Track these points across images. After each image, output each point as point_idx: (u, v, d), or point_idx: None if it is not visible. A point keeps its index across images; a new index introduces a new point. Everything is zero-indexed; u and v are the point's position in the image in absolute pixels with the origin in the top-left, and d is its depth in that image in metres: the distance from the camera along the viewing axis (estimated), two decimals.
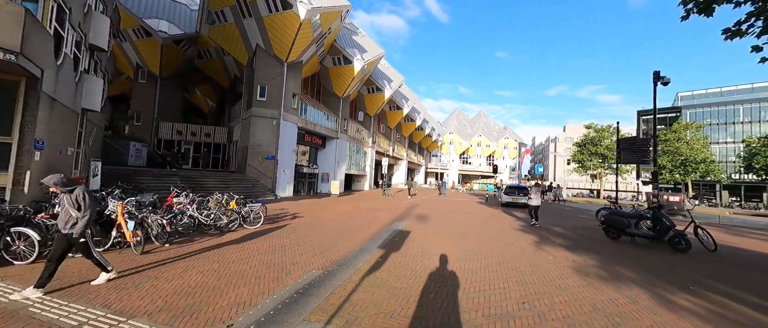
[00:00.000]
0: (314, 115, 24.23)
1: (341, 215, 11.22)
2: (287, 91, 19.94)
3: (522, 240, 7.53)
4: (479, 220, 11.28)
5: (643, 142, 10.06)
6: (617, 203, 10.52)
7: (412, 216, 11.69)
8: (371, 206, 15.37)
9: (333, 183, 23.54)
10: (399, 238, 7.29)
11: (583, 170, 42.17)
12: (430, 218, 11.16)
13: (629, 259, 5.99)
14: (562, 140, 78.14)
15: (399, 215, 12.04)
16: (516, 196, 17.30)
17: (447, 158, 76.47)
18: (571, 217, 13.67)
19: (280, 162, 19.84)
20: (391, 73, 36.95)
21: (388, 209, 14.36)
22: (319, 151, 27.27)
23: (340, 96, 27.40)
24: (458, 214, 13.14)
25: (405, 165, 52.13)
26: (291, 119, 20.57)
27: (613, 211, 8.08)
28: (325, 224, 9.13)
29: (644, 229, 7.48)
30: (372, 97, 34.37)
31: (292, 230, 8.02)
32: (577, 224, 10.88)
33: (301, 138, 23.26)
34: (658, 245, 7.37)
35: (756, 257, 6.63)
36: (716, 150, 49.62)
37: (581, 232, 9.24)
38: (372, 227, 8.71)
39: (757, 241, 8.89)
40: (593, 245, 7.21)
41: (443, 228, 8.93)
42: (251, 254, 5.55)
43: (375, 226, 8.99)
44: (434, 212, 13.63)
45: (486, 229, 9.17)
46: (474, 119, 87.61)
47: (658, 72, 7.93)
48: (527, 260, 5.63)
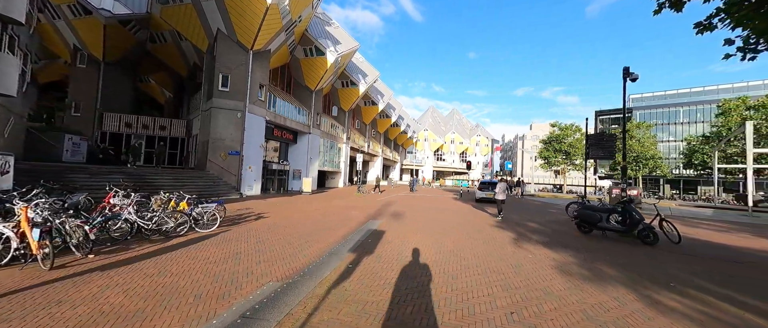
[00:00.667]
0: (284, 109, 22.90)
1: (312, 215, 10.42)
2: (253, 82, 18.52)
3: (499, 237, 7.28)
4: (455, 216, 11.02)
5: (610, 139, 10.34)
6: (585, 198, 10.75)
7: (387, 214, 11.17)
8: (345, 204, 14.67)
9: (305, 180, 22.45)
10: (373, 239, 6.72)
11: (548, 166, 44.35)
12: (405, 216, 10.71)
13: (605, 254, 5.90)
14: (529, 138, 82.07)
15: (374, 213, 11.48)
16: (489, 191, 17.44)
17: (422, 155, 77.20)
18: (541, 211, 13.93)
19: (246, 158, 18.44)
20: (366, 67, 36.14)
21: (362, 206, 13.75)
22: (290, 147, 25.94)
23: (313, 89, 26.19)
24: (434, 210, 12.85)
25: (380, 161, 51.70)
26: (258, 112, 19.18)
27: (585, 205, 8.11)
28: (292, 225, 8.32)
29: (614, 223, 7.54)
30: (346, 91, 33.39)
31: (253, 232, 7.15)
32: (549, 219, 11.00)
33: (269, 133, 21.87)
34: (627, 238, 7.47)
35: (717, 248, 6.88)
36: (660, 148, 54.44)
37: (554, 226, 9.25)
38: (344, 227, 8.06)
39: (709, 231, 9.43)
40: (568, 240, 7.13)
41: (419, 226, 8.50)
42: (197, 265, 4.69)
43: (347, 226, 8.34)
44: (410, 209, 13.25)
45: (463, 226, 8.87)
46: (448, 117, 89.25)
47: (628, 68, 8.03)
48: (508, 260, 5.31)
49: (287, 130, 23.95)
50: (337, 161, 33.56)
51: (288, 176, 25.13)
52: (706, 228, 10.20)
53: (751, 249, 6.94)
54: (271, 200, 15.88)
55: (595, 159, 11.28)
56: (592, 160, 11.52)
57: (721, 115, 33.22)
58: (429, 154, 77.39)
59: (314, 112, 26.78)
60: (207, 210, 7.41)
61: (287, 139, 24.68)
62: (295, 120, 24.06)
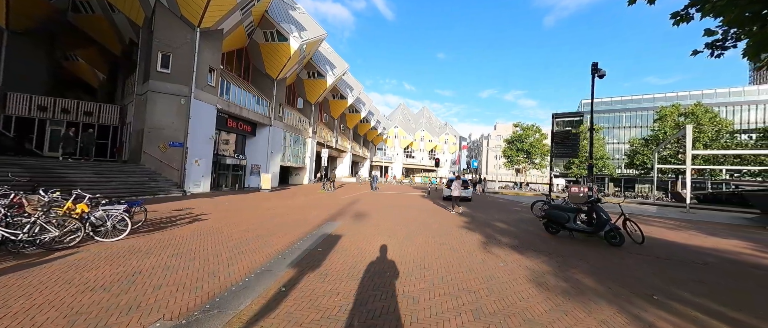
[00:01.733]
0: (241, 97, 20.76)
1: (261, 216, 9.08)
2: (201, 64, 16.35)
3: (468, 241, 6.63)
4: (421, 216, 10.32)
5: (575, 137, 10.31)
6: (550, 196, 10.66)
7: (348, 214, 10.16)
8: (304, 203, 13.38)
9: (264, 176, 20.62)
10: (325, 246, 5.68)
11: (511, 164, 46.26)
12: (368, 216, 9.78)
13: (578, 259, 5.46)
14: (494, 137, 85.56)
15: (334, 212, 10.40)
16: None
17: (392, 152, 76.96)
18: (506, 210, 13.81)
19: (192, 151, 16.29)
20: (335, 59, 34.52)
21: (323, 205, 12.58)
22: (248, 140, 23.77)
23: (275, 78, 24.19)
24: (400, 209, 12.08)
25: (349, 158, 50.32)
26: (207, 99, 17.04)
27: (553, 205, 7.79)
28: (231, 230, 6.99)
29: (581, 223, 7.27)
30: (313, 82, 31.59)
31: (174, 241, 5.75)
32: (515, 218, 10.75)
33: (222, 123, 19.68)
34: (593, 238, 7.24)
35: (677, 249, 6.83)
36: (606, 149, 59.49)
37: (522, 226, 8.90)
38: (295, 232, 6.91)
39: (660, 228, 9.71)
40: (538, 243, 6.68)
41: (382, 229, 7.61)
42: (64, 294, 3.33)
43: (299, 229, 7.21)
44: (374, 207, 12.35)
45: (429, 227, 8.16)
46: (418, 114, 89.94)
47: (596, 64, 7.81)
48: (479, 272, 4.59)
49: (244, 121, 21.83)
50: (302, 157, 31.72)
51: (245, 172, 23.02)
52: (656, 225, 10.55)
53: (707, 249, 7.01)
54: (221, 199, 14.09)
55: (559, 157, 11.25)
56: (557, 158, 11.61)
57: (658, 120, 36.75)
58: (399, 152, 77.37)
59: (276, 102, 24.79)
60: (112, 214, 5.84)
61: (244, 132, 22.53)
62: (253, 110, 21.99)
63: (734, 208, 16.42)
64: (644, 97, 71.33)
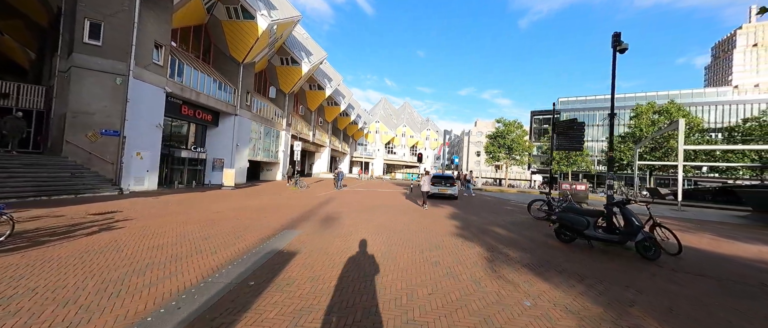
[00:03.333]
0: (198, 81, 18.07)
1: (199, 222, 7.01)
2: (143, 38, 13.68)
3: (469, 258, 4.99)
4: (404, 220, 8.63)
5: (580, 127, 9.02)
6: (550, 194, 9.36)
7: (315, 218, 8.28)
8: (267, 203, 11.31)
9: (226, 172, 18.17)
10: (262, 278, 3.82)
11: (493, 160, 45.84)
12: (339, 221, 7.96)
13: (622, 286, 3.96)
14: (474, 133, 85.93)
15: (298, 216, 8.49)
16: (442, 186, 15.67)
17: (373, 147, 75.08)
18: (497, 209, 12.44)
19: (132, 141, 13.65)
20: (312, 45, 32.03)
21: (288, 206, 10.59)
22: (210, 131, 21.07)
23: (241, 62, 21.55)
24: (379, 210, 10.34)
25: (328, 153, 47.95)
26: (153, 80, 14.38)
27: (569, 207, 6.34)
28: (138, 246, 4.95)
29: (602, 231, 5.87)
30: (286, 70, 29.02)
31: (28, 269, 3.67)
32: (513, 220, 9.34)
33: (175, 110, 16.98)
34: (613, 247, 5.88)
35: (728, 264, 5.56)
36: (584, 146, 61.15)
37: (525, 232, 7.44)
38: (231, 248, 4.99)
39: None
40: (557, 259, 5.17)
41: (353, 240, 5.82)
42: None
43: (239, 243, 5.28)
44: (348, 209, 10.53)
45: (415, 235, 6.48)
46: (399, 110, 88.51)
47: (618, 35, 6.40)
48: (495, 320, 2.93)
49: (204, 108, 19.15)
50: (274, 151, 29.17)
51: (205, 167, 20.36)
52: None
53: (752, 260, 5.81)
54: (166, 198, 11.70)
55: (562, 150, 9.97)
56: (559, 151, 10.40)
57: (634, 117, 37.46)
58: (380, 147, 75.63)
59: (243, 89, 22.18)
60: None
61: (204, 121, 19.83)
62: (214, 97, 19.33)
63: (722, 205, 16.13)
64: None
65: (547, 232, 7.48)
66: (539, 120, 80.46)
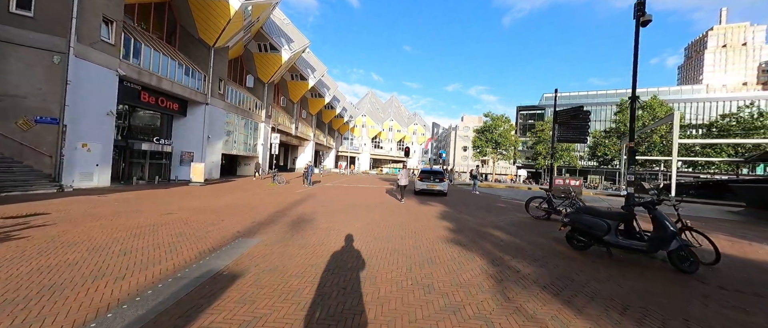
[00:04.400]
0: (161, 65, 16.13)
1: (140, 228, 5.62)
2: (87, 10, 11.76)
3: (470, 278, 3.89)
4: (389, 222, 7.48)
5: (586, 117, 8.11)
6: (550, 191, 8.46)
7: (284, 221, 7.00)
8: (234, 202, 9.88)
9: (194, 167, 16.45)
10: (171, 321, 2.57)
11: (480, 155, 45.46)
12: (311, 225, 6.73)
13: (676, 318, 2.97)
14: (461, 128, 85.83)
15: (266, 217, 7.18)
16: (431, 182, 14.64)
17: (359, 142, 73.57)
18: (490, 207, 11.51)
19: (76, 130, 11.81)
20: (293, 32, 30.09)
21: (259, 204, 9.22)
22: (177, 121, 19.14)
23: (212, 45, 19.61)
24: (361, 210, 9.15)
25: (312, 147, 46.18)
26: (101, 60, 12.49)
27: (584, 208, 5.35)
28: (42, 262, 3.55)
29: (624, 237, 4.92)
30: (265, 57, 27.07)
31: None
32: (510, 219, 8.39)
33: (132, 96, 15.05)
34: (636, 256, 4.96)
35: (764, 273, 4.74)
36: None
37: (528, 236, 6.46)
38: (157, 266, 3.69)
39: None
40: (577, 273, 4.17)
41: (323, 254, 4.61)
42: None
43: (173, 259, 3.98)
44: (327, 208, 9.28)
45: (401, 243, 5.35)
46: (387, 104, 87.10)
47: (642, 3, 5.41)
48: None
49: (168, 96, 17.22)
50: (252, 144, 27.32)
51: (171, 161, 18.49)
52: None
53: None
54: (116, 197, 10.03)
55: (564, 141, 9.08)
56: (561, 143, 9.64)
57: (619, 112, 37.82)
58: (366, 142, 74.24)
59: (215, 76, 20.27)
60: None
61: (170, 110, 17.90)
62: (180, 84, 17.42)
63: (708, 201, 15.95)
64: (599, 94, 75.66)
65: (553, 234, 6.53)
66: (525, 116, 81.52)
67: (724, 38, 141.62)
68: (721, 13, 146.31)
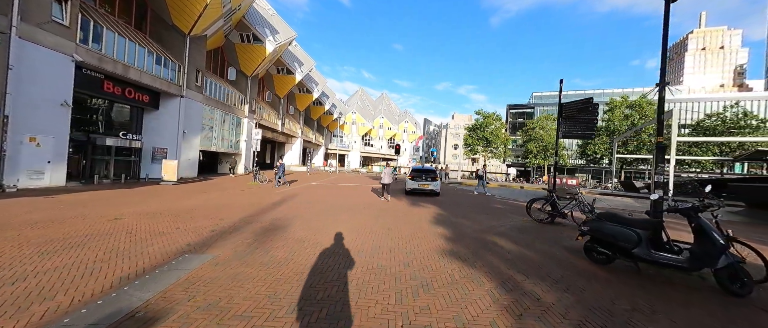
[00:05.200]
0: (128, 52, 14.63)
1: (67, 240, 4.50)
2: None
3: (479, 313, 2.98)
4: (377, 229, 6.52)
5: (595, 110, 7.33)
6: (554, 192, 7.69)
7: (255, 226, 5.95)
8: (202, 204, 8.71)
9: (166, 164, 15.11)
10: None
11: (471, 153, 44.98)
12: (285, 231, 5.71)
13: None
14: (452, 127, 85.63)
15: (233, 223, 6.12)
16: (423, 181, 13.74)
17: (349, 139, 72.29)
18: (488, 210, 10.71)
19: (21, 122, 10.36)
20: (279, 24, 28.66)
21: (230, 207, 8.11)
22: (148, 114, 17.63)
23: (187, 33, 18.14)
24: (345, 213, 8.16)
25: (300, 144, 44.74)
26: (52, 43, 11.03)
27: (605, 214, 4.52)
28: None
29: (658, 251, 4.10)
30: (248, 48, 25.60)
31: None
32: (511, 223, 7.57)
33: (93, 85, 13.53)
34: (671, 272, 4.16)
35: None
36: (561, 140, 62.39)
37: (537, 245, 5.62)
38: (47, 303, 2.63)
39: None
40: (610, 300, 3.32)
41: (288, 278, 3.61)
42: None
43: (81, 288, 2.93)
44: (308, 210, 8.25)
45: (390, 259, 4.41)
46: (377, 101, 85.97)
47: None
48: None
49: (137, 87, 15.72)
50: (234, 140, 25.84)
51: (141, 157, 17.01)
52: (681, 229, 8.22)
53: None
54: (66, 198, 8.72)
55: (569, 138, 8.31)
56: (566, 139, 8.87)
57: (609, 111, 37.90)
58: (357, 139, 73.02)
59: (191, 66, 18.81)
60: None
61: (139, 102, 16.39)
62: (151, 73, 15.94)
63: None
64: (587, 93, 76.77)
65: (564, 242, 5.72)
66: (514, 114, 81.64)
67: (704, 41, 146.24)
68: (701, 17, 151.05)
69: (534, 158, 44.86)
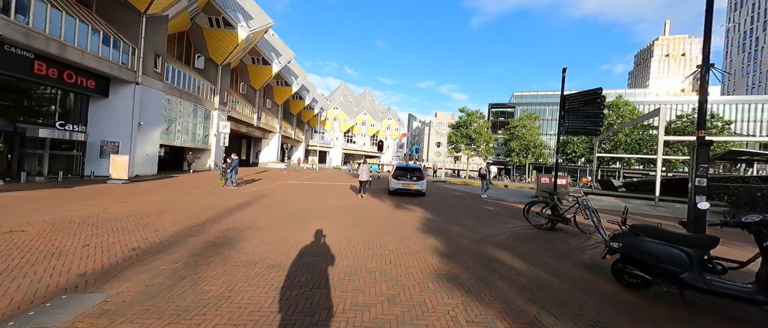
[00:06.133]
0: (65, 28, 12.47)
1: None
2: None
3: None
4: (355, 244, 5.36)
5: (601, 102, 6.50)
6: (556, 194, 6.86)
7: (193, 242, 4.62)
8: (137, 209, 7.14)
9: (115, 160, 13.18)
10: None
11: (454, 151, 44.64)
12: (230, 251, 4.41)
13: None
14: (435, 125, 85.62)
15: (162, 239, 4.73)
16: (408, 181, 12.67)
17: (330, 136, 70.30)
18: (477, 210, 9.82)
19: None
20: (253, 8, 26.53)
21: (169, 214, 6.64)
22: (96, 103, 15.41)
23: (142, 11, 16.01)
24: (314, 220, 6.92)
25: (278, 139, 42.52)
26: None
27: (645, 228, 3.58)
28: None
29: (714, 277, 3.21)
30: (217, 34, 23.44)
31: None
32: (510, 230, 6.66)
33: (18, 66, 11.31)
34: (725, 302, 3.32)
35: None
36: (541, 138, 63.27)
37: (547, 261, 4.68)
38: None
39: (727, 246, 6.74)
40: None
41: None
42: None
43: None
44: (273, 216, 6.94)
45: (372, 289, 3.28)
46: (360, 97, 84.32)
47: None
48: None
49: (79, 69, 13.55)
50: (202, 134, 23.66)
51: (86, 152, 14.84)
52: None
53: None
54: None
55: (573, 133, 7.52)
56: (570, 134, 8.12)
57: None
58: (339, 136, 71.15)
59: (148, 49, 16.68)
60: None
61: (84, 88, 14.19)
62: (96, 55, 13.81)
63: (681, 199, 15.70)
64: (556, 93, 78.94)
65: (579, 257, 4.83)
66: (496, 113, 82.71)
67: (668, 48, 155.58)
68: (666, 25, 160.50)
69: (516, 156, 45.19)
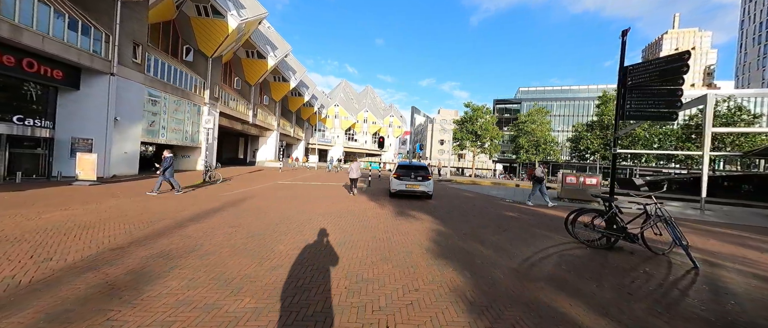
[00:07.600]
0: (22, 10, 10.91)
1: None
2: None
3: None
4: (338, 286, 3.72)
5: (686, 70, 4.64)
6: (614, 200, 5.18)
7: (100, 273, 3.00)
8: (74, 218, 5.55)
9: (82, 158, 11.70)
10: None
11: (459, 148, 42.78)
12: (152, 285, 2.78)
13: None
14: (438, 122, 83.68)
15: (72, 263, 3.15)
16: (412, 181, 10.98)
17: (331, 134, 68.74)
18: (498, 219, 8.12)
19: None
20: None
21: (115, 222, 5.06)
22: (66, 95, 13.91)
23: None
24: (295, 233, 5.30)
25: (275, 137, 40.98)
26: None
27: None
28: None
29: None
30: (206, 23, 21.84)
31: None
32: (553, 249, 5.00)
33: None
34: None
35: None
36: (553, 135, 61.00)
37: (637, 312, 3.02)
38: None
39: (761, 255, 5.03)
40: None
41: None
42: None
43: None
44: (239, 228, 5.31)
45: None
46: (361, 94, 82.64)
47: None
48: None
49: (41, 57, 12.01)
50: (191, 131, 22.12)
51: (53, 150, 13.34)
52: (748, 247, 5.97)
53: None
54: None
55: (643, 119, 5.78)
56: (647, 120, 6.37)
57: (601, 104, 36.50)
58: (340, 133, 69.57)
59: (126, 37, 15.14)
60: None
61: (48, 79, 12.68)
62: (61, 41, 12.28)
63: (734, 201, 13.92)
64: (572, 88, 76.65)
65: (688, 304, 3.18)
66: (501, 109, 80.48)
67: (677, 42, 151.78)
68: (675, 18, 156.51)
69: (525, 154, 43.18)
